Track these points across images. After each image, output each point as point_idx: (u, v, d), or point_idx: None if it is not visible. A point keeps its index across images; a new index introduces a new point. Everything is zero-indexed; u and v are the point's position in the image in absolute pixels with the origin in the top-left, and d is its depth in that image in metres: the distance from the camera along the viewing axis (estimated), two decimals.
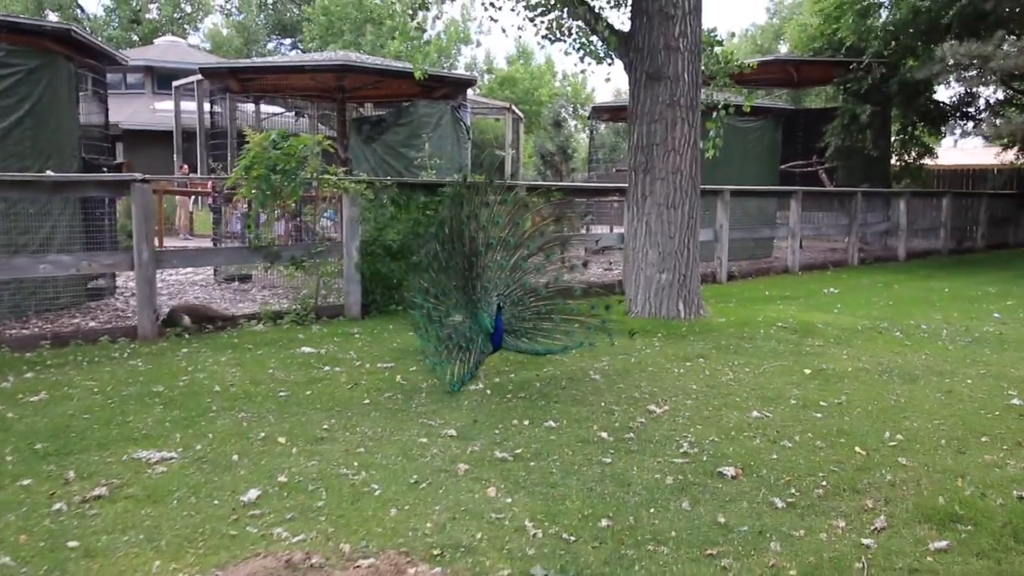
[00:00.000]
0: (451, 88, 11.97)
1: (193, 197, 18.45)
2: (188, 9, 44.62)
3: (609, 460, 3.99)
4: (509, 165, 23.46)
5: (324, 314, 8.04)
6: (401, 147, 10.76)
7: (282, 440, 4.18)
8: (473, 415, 4.72)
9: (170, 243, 15.40)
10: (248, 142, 6.95)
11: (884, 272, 13.18)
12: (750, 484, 3.68)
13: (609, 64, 8.75)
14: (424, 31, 11.86)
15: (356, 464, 3.86)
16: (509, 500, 3.44)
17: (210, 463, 3.83)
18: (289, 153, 7.21)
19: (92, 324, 7.67)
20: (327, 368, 5.85)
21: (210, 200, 15.17)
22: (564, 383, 5.53)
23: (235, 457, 3.90)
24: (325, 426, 4.45)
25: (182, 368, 5.69)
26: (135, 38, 40.41)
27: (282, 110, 19.58)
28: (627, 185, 8.44)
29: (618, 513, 3.33)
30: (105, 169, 9.17)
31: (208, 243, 12.66)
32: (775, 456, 4.05)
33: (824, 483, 3.69)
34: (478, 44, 68.86)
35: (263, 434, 4.27)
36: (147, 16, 42.68)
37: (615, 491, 3.56)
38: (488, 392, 5.25)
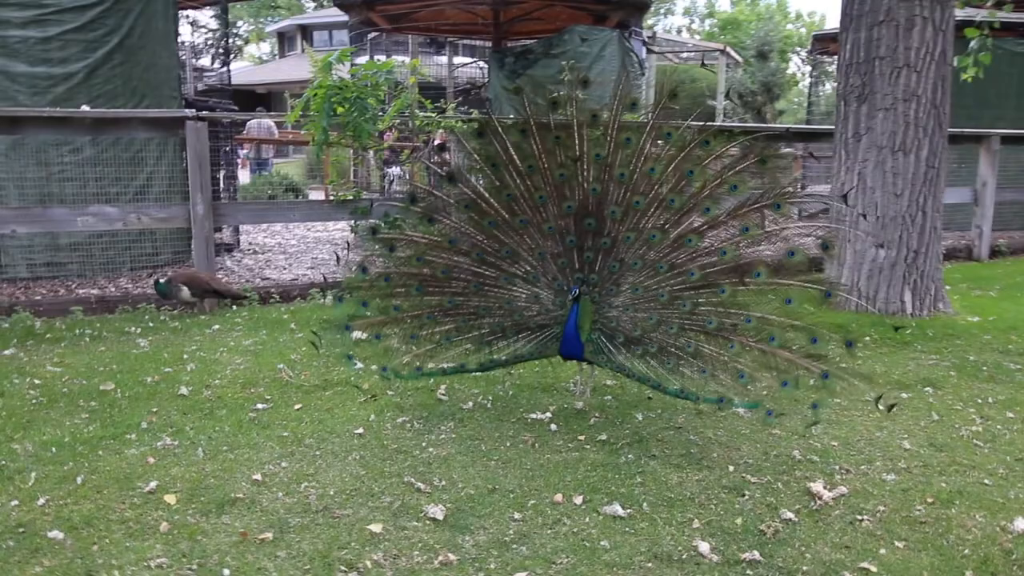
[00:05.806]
0: (625, 12, 9.83)
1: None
2: None
3: None
4: (721, 116, 20.54)
5: None
6: (553, 83, 8.87)
7: (171, 500, 2.65)
8: (499, 476, 2.90)
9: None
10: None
11: None
12: None
13: None
14: None
15: None
16: None
17: None
18: (372, 84, 5.66)
19: None
20: (360, 365, 4.28)
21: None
22: (683, 418, 3.52)
23: (53, 535, 2.42)
24: (257, 476, 2.85)
25: (180, 354, 4.39)
26: None
27: (472, 59, 18.32)
28: (834, 124, 5.96)
29: None
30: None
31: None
32: None
33: None
34: None
35: (156, 483, 2.77)
36: None
37: None
38: (553, 428, 3.38)
